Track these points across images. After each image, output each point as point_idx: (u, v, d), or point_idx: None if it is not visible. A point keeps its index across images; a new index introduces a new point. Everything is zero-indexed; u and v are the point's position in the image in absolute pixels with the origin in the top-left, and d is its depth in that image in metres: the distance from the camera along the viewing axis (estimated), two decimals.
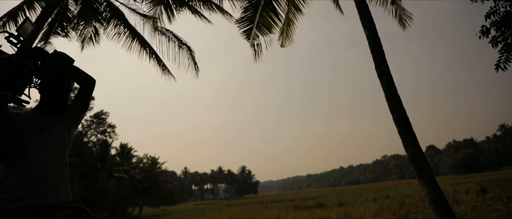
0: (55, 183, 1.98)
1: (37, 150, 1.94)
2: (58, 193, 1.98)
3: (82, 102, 2.20)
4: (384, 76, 6.35)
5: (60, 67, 1.79)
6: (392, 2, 8.68)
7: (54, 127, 2.05)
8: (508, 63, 5.88)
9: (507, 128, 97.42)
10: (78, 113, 2.20)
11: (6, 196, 1.81)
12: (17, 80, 1.70)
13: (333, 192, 52.91)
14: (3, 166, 1.89)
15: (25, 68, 1.71)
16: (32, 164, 1.90)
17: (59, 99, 2.14)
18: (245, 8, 8.53)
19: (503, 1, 5.86)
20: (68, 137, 2.15)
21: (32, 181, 1.86)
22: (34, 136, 1.97)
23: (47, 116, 2.08)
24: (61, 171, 2.06)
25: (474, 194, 15.77)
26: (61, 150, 2.08)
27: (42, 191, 1.89)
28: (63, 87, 2.15)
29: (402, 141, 6.00)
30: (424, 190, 5.61)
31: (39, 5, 8.77)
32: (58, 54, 1.79)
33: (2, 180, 1.84)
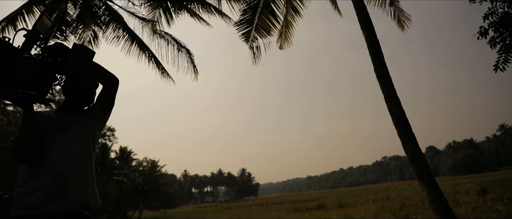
0: (80, 186, 1.88)
1: (60, 151, 1.85)
2: (84, 196, 1.89)
3: (105, 102, 2.07)
4: (383, 78, 6.35)
5: (80, 60, 1.70)
6: (390, 4, 8.70)
7: (78, 127, 1.96)
8: (507, 63, 5.89)
9: (507, 128, 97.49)
10: (102, 114, 2.08)
11: (29, 200, 1.74)
12: (40, 79, 1.64)
13: (333, 194, 52.87)
14: (26, 167, 1.82)
15: (47, 65, 1.66)
16: (55, 166, 1.81)
17: (82, 97, 2.05)
18: (244, 11, 8.54)
19: (501, 2, 5.87)
20: (93, 137, 2.04)
21: (54, 184, 1.77)
22: (57, 137, 1.88)
23: (71, 115, 1.99)
24: (87, 173, 1.95)
25: (475, 194, 15.76)
26: (86, 151, 1.97)
27: (65, 195, 1.80)
28: (86, 84, 2.06)
29: (401, 142, 6.00)
30: (424, 191, 5.60)
31: (38, 9, 8.78)
32: (77, 47, 1.71)
33: (26, 182, 1.78)
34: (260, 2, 8.47)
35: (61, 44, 1.76)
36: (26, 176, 1.79)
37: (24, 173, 1.81)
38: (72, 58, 1.68)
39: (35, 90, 1.63)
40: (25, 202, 1.74)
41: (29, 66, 1.60)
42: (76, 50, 1.69)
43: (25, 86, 1.60)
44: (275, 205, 35.90)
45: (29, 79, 1.60)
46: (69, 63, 1.68)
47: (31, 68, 1.60)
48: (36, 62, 1.63)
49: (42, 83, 1.65)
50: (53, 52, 1.71)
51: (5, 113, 20.99)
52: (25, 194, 1.75)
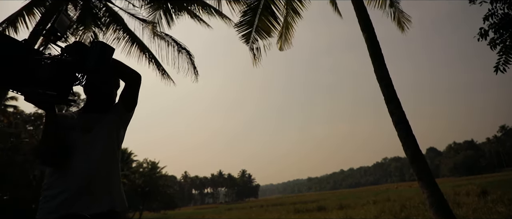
0: (106, 188, 1.83)
1: (84, 153, 1.80)
2: (111, 199, 1.83)
3: (128, 100, 2.01)
4: (383, 80, 6.35)
5: (99, 58, 1.64)
6: (390, 5, 8.70)
7: (102, 127, 1.90)
8: (507, 64, 5.89)
9: (508, 129, 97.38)
10: (125, 112, 2.02)
11: (54, 203, 1.70)
12: (60, 79, 1.60)
13: (333, 195, 52.78)
14: (52, 170, 1.79)
15: (66, 65, 1.62)
16: (80, 168, 1.76)
17: (104, 96, 1.99)
18: (244, 12, 8.55)
19: (501, 3, 5.87)
20: (117, 137, 1.98)
21: (80, 187, 1.73)
22: (81, 138, 1.83)
23: (94, 115, 1.94)
24: (112, 175, 1.90)
25: (475, 196, 15.71)
26: (111, 152, 1.91)
27: (91, 198, 1.75)
28: (107, 82, 2.00)
29: (402, 144, 5.99)
30: (424, 193, 5.59)
31: (39, 10, 8.79)
32: (96, 44, 1.65)
33: (51, 185, 1.74)
34: (260, 3, 8.48)
35: (81, 42, 1.71)
36: (52, 179, 1.76)
37: (49, 176, 1.77)
38: (92, 56, 1.62)
39: (55, 90, 1.59)
40: (51, 206, 1.70)
41: (48, 66, 1.57)
42: (95, 47, 1.63)
43: (45, 86, 1.57)
44: (275, 206, 35.83)
45: (49, 79, 1.57)
46: (88, 61, 1.62)
47: (50, 68, 1.57)
48: (56, 62, 1.60)
49: (62, 83, 1.62)
50: (73, 51, 1.66)
51: (5, 115, 21.00)
52: (51, 197, 1.72)
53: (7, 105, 22.96)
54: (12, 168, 20.01)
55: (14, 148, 20.91)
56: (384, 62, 6.55)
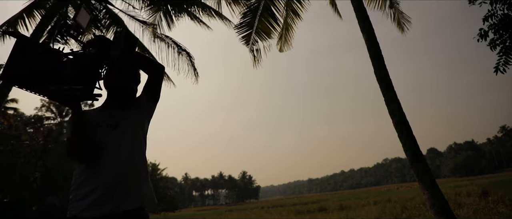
0: (136, 184, 1.79)
1: (113, 150, 1.76)
2: (141, 195, 1.80)
3: (152, 92, 1.97)
4: (383, 81, 6.34)
5: (124, 48, 1.61)
6: (390, 6, 8.70)
7: (127, 123, 1.85)
8: (507, 65, 5.89)
9: (508, 129, 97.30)
10: (150, 105, 1.98)
11: (84, 203, 1.67)
12: (85, 73, 1.57)
13: (334, 196, 52.71)
14: (79, 170, 1.75)
15: (90, 58, 1.59)
16: (109, 166, 1.73)
17: (128, 91, 1.93)
18: (244, 14, 8.56)
19: (500, 4, 5.88)
20: (143, 131, 1.94)
21: (109, 185, 1.70)
22: (108, 135, 1.79)
23: (117, 111, 1.88)
24: (141, 171, 1.86)
25: (476, 196, 15.69)
26: (139, 148, 1.87)
27: (122, 196, 1.72)
28: (131, 75, 1.94)
29: (402, 145, 5.99)
30: (425, 194, 5.58)
31: (39, 13, 8.81)
32: (121, 33, 1.63)
33: (80, 185, 1.71)
34: (260, 5, 8.49)
35: (103, 36, 1.70)
36: (80, 179, 1.73)
37: (78, 176, 1.75)
38: (116, 46, 1.61)
39: (81, 84, 1.56)
40: (82, 205, 1.67)
41: (71, 62, 1.55)
42: (120, 37, 1.62)
43: (70, 82, 1.54)
44: (276, 208, 35.79)
45: (73, 75, 1.54)
46: (113, 51, 1.60)
47: (73, 64, 1.55)
48: (78, 57, 1.58)
49: (87, 78, 1.58)
50: (96, 44, 1.64)
51: (6, 117, 21.01)
52: (82, 196, 1.69)
53: (8, 108, 22.96)
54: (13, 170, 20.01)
55: (14, 151, 20.92)
56: (384, 63, 6.55)
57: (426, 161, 5.99)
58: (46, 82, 1.55)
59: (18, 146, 21.66)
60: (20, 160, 21.56)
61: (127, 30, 1.54)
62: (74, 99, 1.60)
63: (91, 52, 1.61)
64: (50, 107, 32.63)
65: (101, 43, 1.65)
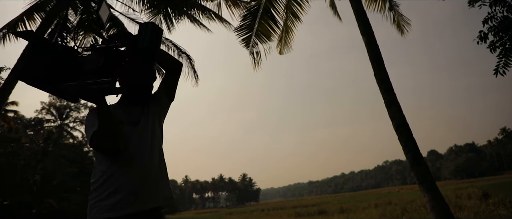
0: (159, 182, 1.77)
1: (137, 147, 1.72)
2: (163, 193, 1.78)
3: (171, 88, 1.95)
4: (383, 83, 6.34)
5: (152, 38, 1.57)
6: (390, 8, 8.71)
7: (147, 119, 1.82)
8: (507, 67, 5.88)
9: (509, 131, 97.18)
10: (167, 101, 1.96)
11: (110, 202, 1.62)
12: (111, 66, 1.54)
13: (334, 199, 52.61)
14: (108, 164, 1.68)
15: (115, 52, 1.56)
16: (135, 163, 1.69)
17: (147, 87, 1.89)
18: (244, 16, 8.57)
19: (500, 7, 5.88)
20: (161, 129, 1.92)
21: (136, 183, 1.66)
22: (130, 131, 1.74)
23: (138, 107, 1.84)
24: (162, 169, 1.83)
25: (477, 199, 15.68)
26: (159, 144, 1.86)
27: (148, 194, 1.69)
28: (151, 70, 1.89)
29: (402, 147, 5.98)
30: (425, 197, 5.57)
31: (39, 16, 8.82)
32: (148, 24, 1.59)
33: (104, 182, 1.65)
34: (260, 7, 8.50)
35: (126, 31, 1.67)
36: (103, 177, 1.67)
37: (101, 174, 1.68)
38: (144, 36, 1.57)
39: (109, 77, 1.52)
40: (108, 204, 1.62)
41: (94, 56, 1.54)
42: (147, 28, 1.59)
43: (96, 76, 1.51)
44: (276, 210, 35.71)
45: (98, 68, 1.52)
46: (141, 41, 1.57)
47: (97, 58, 1.53)
48: (102, 51, 1.56)
49: (112, 71, 1.55)
50: (121, 36, 1.62)
51: (6, 120, 21.02)
52: (104, 196, 1.64)
53: (8, 110, 22.97)
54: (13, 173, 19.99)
55: (14, 153, 20.91)
56: (384, 65, 6.55)
57: (426, 164, 5.98)
58: (67, 79, 1.54)
59: (18, 149, 21.65)
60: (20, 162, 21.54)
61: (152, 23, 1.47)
62: (100, 92, 1.55)
63: (115, 45, 1.59)
64: (50, 109, 32.67)
65: (126, 35, 1.63)
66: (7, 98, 8.83)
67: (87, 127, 1.70)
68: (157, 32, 1.62)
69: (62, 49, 1.59)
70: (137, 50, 1.60)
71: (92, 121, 1.69)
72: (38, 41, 1.58)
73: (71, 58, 1.58)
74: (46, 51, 1.55)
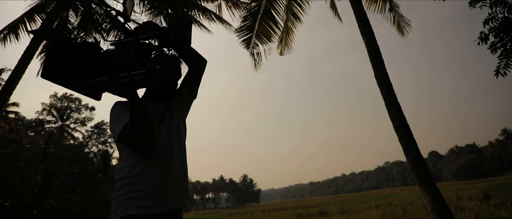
0: (184, 182, 1.74)
1: (165, 144, 1.68)
2: (188, 191, 1.77)
3: (194, 85, 1.90)
4: (383, 84, 6.33)
5: (184, 29, 1.54)
6: (390, 9, 8.70)
7: (172, 117, 1.79)
8: (508, 68, 5.87)
9: (510, 132, 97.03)
10: (190, 99, 1.92)
11: (141, 199, 1.57)
12: (141, 60, 1.50)
13: (335, 200, 52.55)
14: (135, 161, 1.62)
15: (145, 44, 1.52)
16: (164, 161, 1.65)
17: (172, 83, 1.84)
18: (244, 18, 8.57)
19: (500, 7, 5.87)
20: (185, 127, 1.89)
21: (166, 180, 1.63)
22: (158, 128, 1.69)
23: (161, 105, 1.80)
24: (185, 168, 1.79)
25: (478, 200, 15.64)
26: (183, 144, 1.82)
27: (175, 192, 1.66)
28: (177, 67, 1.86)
29: (403, 149, 5.97)
30: (426, 198, 5.56)
31: (40, 17, 8.83)
32: (178, 15, 1.60)
33: (136, 177, 1.60)
34: (260, 8, 8.50)
35: (152, 22, 1.63)
36: (133, 174, 1.61)
37: (129, 171, 1.62)
38: (176, 26, 1.54)
39: (143, 68, 1.48)
40: (136, 202, 1.57)
41: (124, 50, 1.51)
42: (177, 18, 1.57)
43: (126, 69, 1.48)
44: (277, 211, 35.68)
45: (128, 61, 1.49)
46: (173, 32, 1.54)
47: (125, 50, 1.51)
48: (130, 43, 1.53)
49: (144, 63, 1.51)
50: (152, 28, 1.58)
51: (6, 121, 21.04)
52: (135, 193, 1.58)
53: (9, 111, 23.00)
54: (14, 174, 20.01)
55: (15, 154, 20.92)
56: (384, 66, 6.55)
57: (427, 165, 5.97)
58: (90, 75, 1.52)
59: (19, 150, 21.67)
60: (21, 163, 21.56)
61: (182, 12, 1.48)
62: (133, 85, 1.51)
63: (149, 35, 1.55)
64: (51, 111, 32.71)
65: (154, 27, 1.59)
66: (8, 99, 8.84)
67: (114, 121, 1.62)
68: (188, 22, 1.59)
69: (82, 45, 1.58)
70: (170, 40, 1.56)
71: (118, 114, 1.63)
72: (57, 38, 1.57)
73: (91, 53, 1.56)
74: (66, 47, 1.53)
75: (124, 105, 1.65)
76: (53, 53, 1.53)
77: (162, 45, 1.61)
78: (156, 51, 1.60)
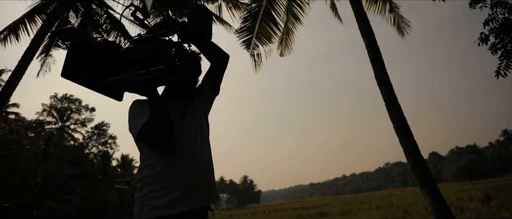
0: (210, 180, 1.68)
1: (186, 140, 1.63)
2: (215, 190, 1.70)
3: (216, 81, 1.86)
4: (384, 85, 6.33)
5: (204, 20, 1.49)
6: (390, 10, 8.70)
7: (193, 113, 1.74)
8: (508, 69, 5.86)
9: (510, 133, 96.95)
10: (212, 95, 1.87)
11: (163, 199, 1.51)
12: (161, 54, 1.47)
13: (336, 201, 52.50)
14: (156, 159, 1.58)
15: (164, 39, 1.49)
16: (186, 158, 1.60)
17: (192, 80, 1.80)
18: (245, 19, 8.57)
19: (501, 8, 5.86)
20: (207, 123, 1.83)
21: (188, 179, 1.57)
22: (178, 125, 1.64)
23: (181, 101, 1.75)
24: (211, 164, 1.74)
25: (479, 201, 15.61)
26: (206, 139, 1.77)
27: (200, 191, 1.60)
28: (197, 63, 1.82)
29: (403, 150, 5.96)
30: (426, 200, 5.55)
31: (40, 18, 8.84)
32: (199, 8, 1.52)
33: (157, 176, 1.55)
34: (260, 9, 8.50)
35: (172, 17, 1.61)
36: (154, 173, 1.56)
37: (150, 170, 1.57)
38: (196, 20, 1.50)
39: (161, 64, 1.44)
40: (160, 202, 1.51)
41: (142, 47, 1.49)
42: (198, 11, 1.53)
43: (145, 66, 1.45)
44: (277, 212, 35.65)
45: (147, 58, 1.46)
46: (193, 26, 1.51)
47: (144, 47, 1.48)
48: (149, 40, 1.51)
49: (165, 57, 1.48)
50: (170, 22, 1.55)
51: (7, 122, 21.04)
52: (158, 193, 1.53)
53: (9, 112, 23.00)
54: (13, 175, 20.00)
55: (15, 155, 20.92)
56: (384, 67, 6.54)
57: (427, 166, 5.96)
58: (112, 74, 1.51)
59: (19, 151, 21.67)
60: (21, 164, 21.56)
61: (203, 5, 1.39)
62: (152, 82, 1.47)
63: (163, 33, 1.53)
64: (51, 111, 32.71)
65: (174, 23, 1.56)
66: (8, 100, 8.84)
67: (132, 119, 1.59)
68: (209, 16, 1.56)
69: (104, 44, 1.56)
70: (190, 35, 1.54)
71: (136, 112, 1.60)
72: (79, 37, 1.56)
73: (113, 53, 1.55)
74: (86, 46, 1.53)
75: (142, 103, 1.61)
76: (73, 52, 1.52)
77: (182, 40, 1.57)
78: (176, 47, 1.56)
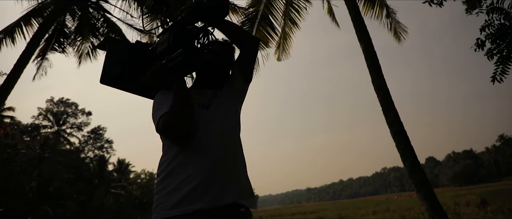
0: (235, 175, 1.54)
1: (209, 133, 1.52)
2: (239, 185, 1.55)
3: (248, 67, 1.74)
4: (381, 90, 6.34)
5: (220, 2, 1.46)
6: (387, 16, 8.74)
7: (219, 103, 1.62)
8: (504, 74, 5.89)
9: (506, 138, 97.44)
10: (243, 83, 1.73)
11: (179, 195, 1.41)
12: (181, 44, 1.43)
13: (333, 206, 52.36)
14: (175, 152, 1.49)
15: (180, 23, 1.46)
16: (206, 152, 1.48)
17: (221, 69, 1.71)
18: (242, 23, 8.56)
19: (497, 14, 5.90)
20: (237, 114, 1.70)
21: (207, 173, 1.45)
22: (201, 115, 1.54)
23: (208, 90, 1.65)
24: (239, 159, 1.60)
25: (475, 206, 15.61)
26: (234, 131, 1.65)
27: (221, 187, 1.46)
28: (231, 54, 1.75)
29: (400, 155, 5.96)
30: (423, 205, 5.54)
31: (36, 21, 8.81)
32: None
33: (173, 170, 1.46)
34: (258, 14, 8.51)
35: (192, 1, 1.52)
36: (170, 167, 1.47)
37: (167, 164, 1.49)
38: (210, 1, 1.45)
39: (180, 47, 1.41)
40: (172, 199, 1.42)
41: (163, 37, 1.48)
42: None
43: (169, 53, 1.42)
44: (274, 217, 35.50)
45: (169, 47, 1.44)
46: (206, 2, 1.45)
47: (166, 37, 1.46)
48: (170, 29, 1.49)
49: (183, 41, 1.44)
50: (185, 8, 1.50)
51: (2, 125, 20.90)
52: (171, 188, 1.44)
53: (4, 116, 22.86)
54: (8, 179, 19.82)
55: (10, 159, 20.74)
56: (381, 72, 6.55)
57: (424, 172, 5.96)
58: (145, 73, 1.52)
59: (14, 155, 21.49)
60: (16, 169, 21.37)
61: None
62: (175, 68, 1.42)
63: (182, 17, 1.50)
64: (47, 115, 32.54)
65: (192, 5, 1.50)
66: (3, 104, 8.78)
67: (153, 111, 1.54)
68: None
69: (137, 45, 1.60)
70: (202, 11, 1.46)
71: (158, 104, 1.54)
72: (115, 43, 1.59)
73: (143, 53, 1.57)
74: (122, 51, 1.56)
75: (165, 94, 1.55)
76: (110, 58, 1.54)
77: (195, 17, 1.49)
78: (202, 33, 1.51)
